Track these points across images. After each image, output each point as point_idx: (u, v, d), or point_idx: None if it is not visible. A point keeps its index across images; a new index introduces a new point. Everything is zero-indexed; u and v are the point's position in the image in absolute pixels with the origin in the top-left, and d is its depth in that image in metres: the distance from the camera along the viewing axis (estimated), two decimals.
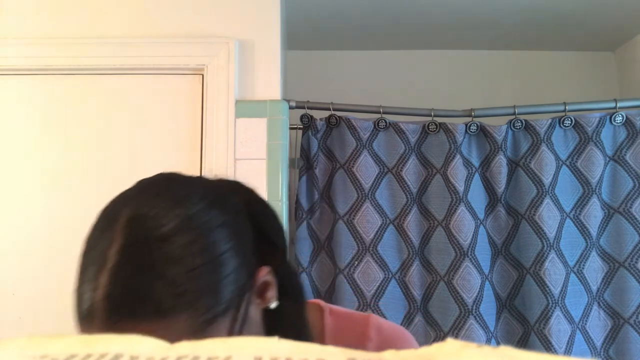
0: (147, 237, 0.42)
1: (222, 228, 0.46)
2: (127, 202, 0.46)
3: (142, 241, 0.42)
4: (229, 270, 0.44)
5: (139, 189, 0.48)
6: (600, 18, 1.75)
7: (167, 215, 0.44)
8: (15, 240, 1.31)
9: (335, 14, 1.72)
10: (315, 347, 0.17)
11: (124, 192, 0.49)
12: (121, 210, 0.45)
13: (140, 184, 0.50)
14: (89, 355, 0.16)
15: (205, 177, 0.55)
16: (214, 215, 0.46)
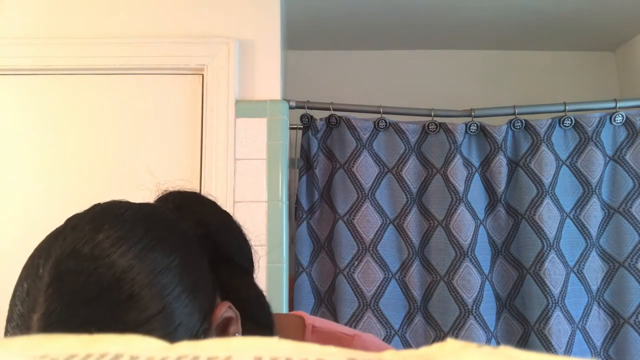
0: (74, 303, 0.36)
1: (167, 271, 0.40)
2: (53, 247, 0.39)
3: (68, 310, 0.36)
4: (179, 319, 0.39)
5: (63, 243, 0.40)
6: (600, 18, 1.75)
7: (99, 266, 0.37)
8: (15, 240, 1.31)
9: (336, 13, 1.72)
10: (315, 347, 0.17)
11: (51, 234, 0.42)
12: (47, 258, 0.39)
13: (70, 222, 0.43)
14: (89, 355, 0.16)
15: (149, 203, 0.48)
16: (157, 257, 0.40)
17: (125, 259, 0.38)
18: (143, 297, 0.37)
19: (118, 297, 0.36)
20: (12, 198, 1.33)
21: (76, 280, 0.37)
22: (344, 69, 1.97)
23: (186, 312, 0.40)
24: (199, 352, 0.16)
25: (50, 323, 0.36)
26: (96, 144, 1.36)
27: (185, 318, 0.40)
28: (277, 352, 0.16)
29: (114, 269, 0.37)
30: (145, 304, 0.37)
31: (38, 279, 0.38)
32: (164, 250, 0.41)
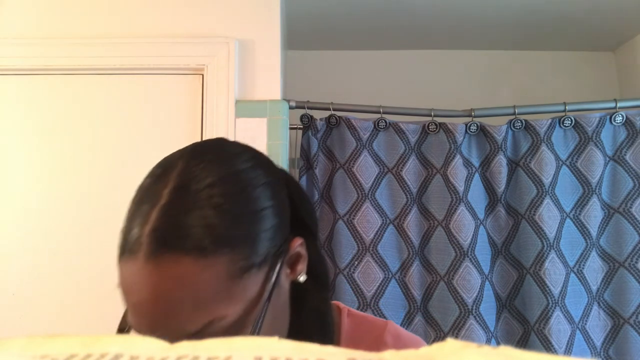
0: (198, 182, 0.44)
1: (265, 187, 0.48)
2: (182, 155, 0.48)
3: (192, 185, 0.44)
4: (267, 226, 0.46)
5: (194, 147, 0.50)
6: (600, 18, 1.75)
7: (217, 167, 0.46)
8: (15, 240, 1.31)
9: (336, 13, 1.72)
10: (315, 347, 0.17)
11: (179, 150, 0.50)
12: (176, 162, 0.47)
13: (195, 143, 0.52)
14: (89, 355, 0.16)
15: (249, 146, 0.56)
16: (260, 174, 0.48)
17: (244, 166, 0.48)
18: (255, 195, 0.46)
19: (229, 190, 0.45)
20: (12, 198, 1.33)
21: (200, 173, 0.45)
22: (344, 69, 1.97)
23: (273, 223, 0.47)
24: (199, 352, 0.16)
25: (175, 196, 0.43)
26: (96, 143, 1.36)
27: (271, 229, 0.46)
28: (277, 352, 0.16)
29: (227, 170, 0.46)
30: (245, 202, 0.45)
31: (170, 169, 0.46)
32: (265, 171, 0.50)
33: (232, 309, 0.42)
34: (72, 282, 1.29)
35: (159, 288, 0.40)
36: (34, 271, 1.29)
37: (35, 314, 1.28)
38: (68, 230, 1.31)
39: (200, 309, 0.41)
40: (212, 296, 0.41)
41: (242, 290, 0.43)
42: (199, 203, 0.43)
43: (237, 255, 0.43)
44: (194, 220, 0.42)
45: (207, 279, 0.41)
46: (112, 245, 1.41)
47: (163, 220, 0.42)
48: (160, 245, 0.41)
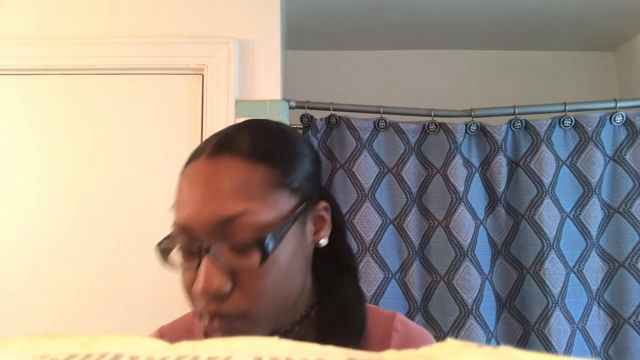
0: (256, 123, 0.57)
1: (309, 155, 0.57)
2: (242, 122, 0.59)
3: (251, 123, 0.57)
4: (304, 168, 0.55)
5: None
6: (600, 18, 1.75)
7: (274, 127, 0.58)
8: (15, 240, 1.31)
9: (335, 14, 1.72)
10: (315, 347, 0.17)
11: None
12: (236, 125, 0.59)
13: None
14: (89, 355, 0.16)
15: None
16: (308, 148, 0.58)
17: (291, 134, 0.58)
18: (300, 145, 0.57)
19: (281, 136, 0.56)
20: (12, 198, 1.33)
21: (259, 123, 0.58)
22: (344, 69, 1.97)
23: (311, 172, 0.56)
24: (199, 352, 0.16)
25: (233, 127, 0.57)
26: (96, 143, 1.36)
27: (307, 175, 0.55)
28: (277, 352, 0.16)
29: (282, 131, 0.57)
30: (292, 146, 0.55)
31: None
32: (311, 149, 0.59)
33: (262, 210, 0.49)
34: (72, 282, 1.29)
35: (212, 174, 0.50)
36: (34, 271, 1.29)
37: (35, 314, 1.28)
38: (68, 230, 1.31)
39: (239, 198, 0.49)
40: (250, 192, 0.49)
41: (273, 200, 0.50)
42: (251, 133, 0.54)
43: (275, 171, 0.51)
44: (246, 138, 0.53)
45: (248, 178, 0.50)
46: (111, 245, 1.41)
47: (221, 137, 0.53)
48: (217, 149, 0.51)
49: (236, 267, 0.48)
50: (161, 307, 1.26)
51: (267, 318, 0.51)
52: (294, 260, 0.52)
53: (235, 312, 0.48)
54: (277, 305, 0.51)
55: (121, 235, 1.31)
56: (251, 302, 0.48)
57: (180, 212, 0.52)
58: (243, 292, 0.48)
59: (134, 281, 1.29)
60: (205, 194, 0.49)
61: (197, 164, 0.52)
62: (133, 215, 1.32)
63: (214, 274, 0.47)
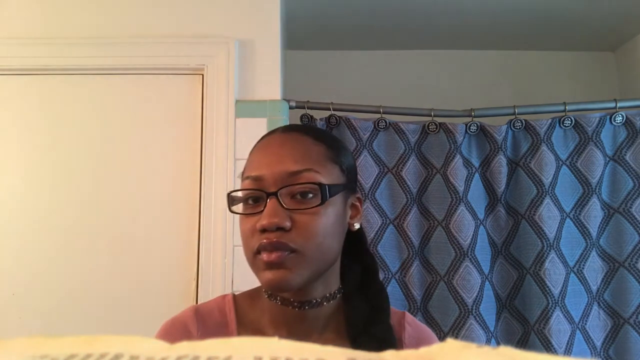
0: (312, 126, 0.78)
1: (352, 155, 0.72)
2: None
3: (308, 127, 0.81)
4: (349, 162, 0.69)
5: None
6: (600, 18, 1.75)
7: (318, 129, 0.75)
8: (15, 240, 1.31)
9: (335, 13, 1.72)
10: (315, 347, 0.17)
11: None
12: None
13: None
14: (89, 355, 0.16)
15: None
16: (350, 151, 0.73)
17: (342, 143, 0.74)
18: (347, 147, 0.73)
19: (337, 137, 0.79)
20: (12, 198, 1.33)
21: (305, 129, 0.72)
22: (344, 69, 1.97)
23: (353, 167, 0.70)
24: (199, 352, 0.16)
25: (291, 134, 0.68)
26: (96, 143, 1.36)
27: (352, 167, 0.70)
28: (277, 352, 0.16)
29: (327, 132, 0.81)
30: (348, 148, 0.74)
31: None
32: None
33: (321, 172, 0.63)
34: (72, 282, 1.29)
35: (285, 142, 0.65)
36: (34, 271, 1.29)
37: (35, 314, 1.28)
38: (68, 230, 1.31)
39: (305, 159, 0.63)
40: (313, 158, 0.63)
41: (329, 169, 0.64)
42: (313, 126, 0.73)
43: (332, 151, 0.66)
44: (310, 127, 0.75)
45: (312, 149, 0.64)
46: (111, 245, 1.40)
47: (289, 125, 0.73)
48: (289, 128, 0.69)
49: (297, 209, 0.60)
50: (161, 307, 1.26)
51: (313, 260, 0.61)
52: (337, 223, 0.64)
53: (291, 246, 0.59)
54: (322, 252, 0.62)
55: (120, 235, 1.31)
56: (304, 240, 0.60)
57: (253, 168, 0.64)
58: (298, 231, 0.60)
59: (134, 281, 1.29)
60: (280, 154, 0.63)
61: (271, 137, 0.67)
62: (133, 215, 1.32)
63: (278, 211, 0.60)
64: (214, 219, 1.28)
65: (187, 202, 1.33)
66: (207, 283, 1.26)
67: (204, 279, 1.26)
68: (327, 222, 0.61)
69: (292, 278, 0.60)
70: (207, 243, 1.27)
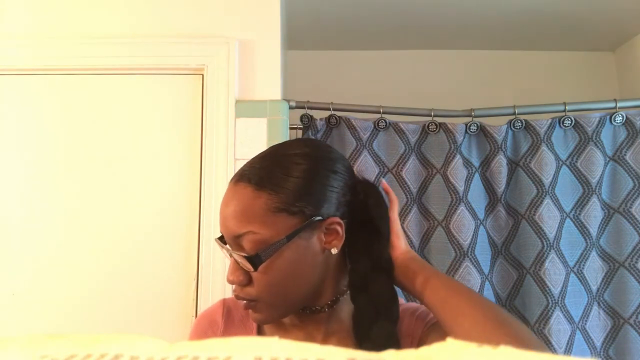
0: (286, 149, 0.67)
1: (333, 175, 0.66)
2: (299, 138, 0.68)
3: (280, 150, 0.67)
4: (311, 193, 0.64)
5: (308, 137, 0.72)
6: (600, 18, 1.75)
7: (308, 148, 0.67)
8: (15, 240, 1.31)
9: (336, 14, 1.72)
10: (315, 347, 0.17)
11: None
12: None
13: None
14: (89, 355, 0.16)
15: None
16: (338, 168, 0.67)
17: (332, 156, 0.68)
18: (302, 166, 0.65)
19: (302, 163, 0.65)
20: (12, 198, 1.33)
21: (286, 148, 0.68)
22: (344, 69, 1.97)
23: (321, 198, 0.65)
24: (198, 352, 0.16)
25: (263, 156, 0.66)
26: (96, 143, 1.36)
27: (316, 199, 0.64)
28: (277, 352, 0.16)
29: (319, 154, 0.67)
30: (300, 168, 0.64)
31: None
32: (343, 173, 0.68)
33: (262, 231, 0.61)
34: (72, 282, 1.29)
35: (230, 199, 0.64)
36: (34, 271, 1.29)
37: (35, 314, 1.28)
38: (68, 230, 1.31)
39: (245, 220, 0.62)
40: (253, 216, 0.62)
41: (272, 221, 0.62)
42: (274, 160, 0.65)
43: (276, 198, 0.62)
44: (262, 168, 0.64)
45: (253, 204, 0.62)
46: (111, 245, 1.40)
47: (247, 167, 0.66)
48: (239, 177, 0.65)
49: (243, 265, 0.63)
50: (161, 307, 1.26)
51: (277, 305, 0.65)
52: (299, 261, 0.64)
53: (249, 297, 0.64)
54: (285, 296, 0.65)
55: (120, 235, 1.31)
56: (259, 293, 0.63)
57: (220, 220, 0.66)
58: (254, 284, 0.63)
59: (134, 281, 1.29)
60: (226, 213, 0.64)
61: (228, 188, 0.66)
62: (133, 215, 1.32)
63: (235, 269, 0.64)
64: (214, 218, 1.28)
65: (187, 201, 1.33)
66: (207, 283, 1.26)
67: (204, 279, 1.26)
68: (282, 270, 0.63)
69: (264, 318, 0.66)
70: (207, 243, 1.27)
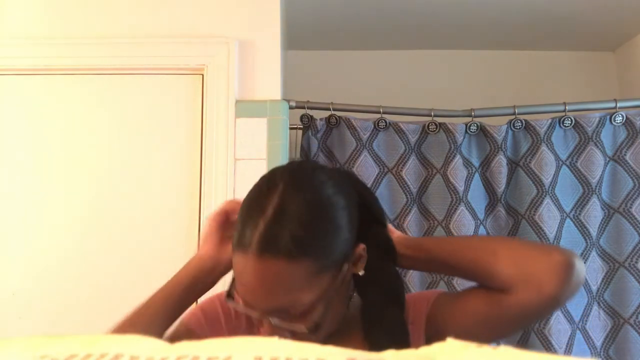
0: (292, 204, 0.59)
1: (342, 211, 0.63)
2: (283, 176, 0.62)
3: (288, 207, 0.59)
4: (341, 239, 0.62)
5: (291, 170, 0.65)
6: (600, 18, 1.75)
7: (308, 193, 0.61)
8: (15, 240, 1.31)
9: (335, 14, 1.72)
10: (315, 347, 0.17)
11: (281, 167, 0.66)
12: (278, 182, 0.61)
13: (292, 165, 0.68)
14: (88, 355, 0.16)
15: (328, 167, 0.71)
16: (340, 199, 0.63)
17: (329, 192, 0.63)
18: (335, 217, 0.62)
19: (318, 213, 0.61)
20: (12, 198, 1.33)
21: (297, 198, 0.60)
22: (344, 69, 1.97)
23: (345, 237, 0.62)
24: (198, 352, 0.16)
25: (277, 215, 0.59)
26: (96, 143, 1.36)
27: (343, 242, 0.62)
28: (277, 352, 0.16)
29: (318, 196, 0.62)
30: (334, 219, 0.61)
31: (274, 187, 0.61)
32: (344, 195, 0.64)
33: (309, 297, 0.59)
34: (71, 282, 1.29)
35: (261, 278, 0.58)
36: (34, 271, 1.29)
37: (35, 314, 1.28)
38: (68, 230, 1.31)
39: (287, 294, 0.59)
40: (296, 287, 0.58)
41: (316, 284, 0.59)
42: (292, 221, 0.58)
43: (316, 261, 0.59)
44: (285, 234, 0.58)
45: (293, 276, 0.58)
46: (110, 245, 1.40)
47: (266, 231, 0.58)
48: (263, 250, 0.58)
49: (291, 329, 0.60)
50: None
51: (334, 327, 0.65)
52: (340, 298, 0.65)
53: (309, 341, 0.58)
54: (337, 319, 0.65)
55: (120, 235, 1.31)
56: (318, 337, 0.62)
57: (241, 291, 0.62)
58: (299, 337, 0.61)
59: (134, 281, 1.29)
60: (258, 293, 0.60)
61: (247, 261, 0.59)
62: (133, 215, 1.32)
63: (275, 332, 0.59)
64: None
65: (187, 201, 1.33)
66: None
67: None
68: (332, 309, 0.62)
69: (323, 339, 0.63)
70: None
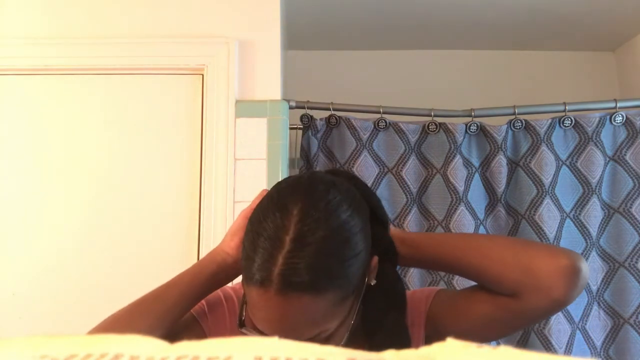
0: (312, 235, 0.57)
1: (360, 232, 0.61)
2: (295, 201, 0.59)
3: (308, 238, 0.56)
4: (360, 264, 0.60)
5: (304, 191, 0.61)
6: (600, 18, 1.75)
7: (326, 221, 0.58)
8: (15, 240, 1.31)
9: (336, 14, 1.72)
10: (315, 347, 0.17)
11: (290, 186, 0.63)
12: (292, 209, 0.58)
13: (302, 184, 0.63)
14: (89, 355, 0.16)
15: (336, 178, 0.66)
16: (356, 221, 0.61)
17: (345, 215, 0.59)
18: (354, 241, 0.59)
19: (338, 240, 0.58)
20: (12, 198, 1.33)
21: (315, 225, 0.57)
22: (344, 69, 1.97)
23: (363, 260, 0.61)
24: (198, 352, 0.16)
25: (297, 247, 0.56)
26: (96, 143, 1.36)
27: (362, 265, 0.61)
28: (277, 352, 0.16)
29: (336, 222, 0.58)
30: (355, 245, 0.59)
31: (288, 214, 0.58)
32: (358, 214, 0.62)
33: (334, 325, 0.59)
34: (71, 282, 1.29)
35: (285, 314, 0.57)
36: (34, 271, 1.29)
37: (35, 314, 1.28)
38: (68, 230, 1.31)
39: (314, 326, 0.58)
40: (322, 318, 0.58)
41: (341, 311, 0.60)
42: (312, 253, 0.56)
43: (339, 290, 0.58)
44: (310, 269, 0.55)
45: (319, 308, 0.57)
46: (111, 245, 1.40)
47: (286, 266, 0.55)
48: (285, 286, 0.55)
49: None
50: None
51: None
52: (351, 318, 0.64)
53: None
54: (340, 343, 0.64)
55: (120, 235, 1.31)
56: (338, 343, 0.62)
57: (260, 325, 0.60)
58: None
59: (134, 281, 1.29)
60: (282, 328, 0.58)
61: (267, 297, 0.56)
62: (132, 215, 1.32)
63: None
64: (214, 218, 1.28)
65: (187, 201, 1.33)
66: None
67: None
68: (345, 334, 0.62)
69: None
70: (207, 242, 1.27)
